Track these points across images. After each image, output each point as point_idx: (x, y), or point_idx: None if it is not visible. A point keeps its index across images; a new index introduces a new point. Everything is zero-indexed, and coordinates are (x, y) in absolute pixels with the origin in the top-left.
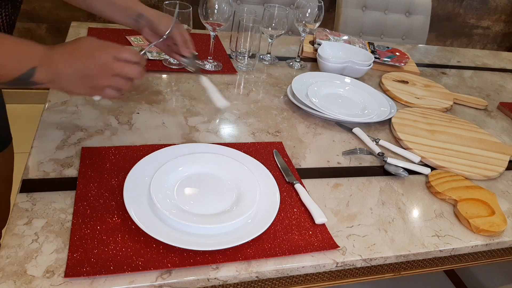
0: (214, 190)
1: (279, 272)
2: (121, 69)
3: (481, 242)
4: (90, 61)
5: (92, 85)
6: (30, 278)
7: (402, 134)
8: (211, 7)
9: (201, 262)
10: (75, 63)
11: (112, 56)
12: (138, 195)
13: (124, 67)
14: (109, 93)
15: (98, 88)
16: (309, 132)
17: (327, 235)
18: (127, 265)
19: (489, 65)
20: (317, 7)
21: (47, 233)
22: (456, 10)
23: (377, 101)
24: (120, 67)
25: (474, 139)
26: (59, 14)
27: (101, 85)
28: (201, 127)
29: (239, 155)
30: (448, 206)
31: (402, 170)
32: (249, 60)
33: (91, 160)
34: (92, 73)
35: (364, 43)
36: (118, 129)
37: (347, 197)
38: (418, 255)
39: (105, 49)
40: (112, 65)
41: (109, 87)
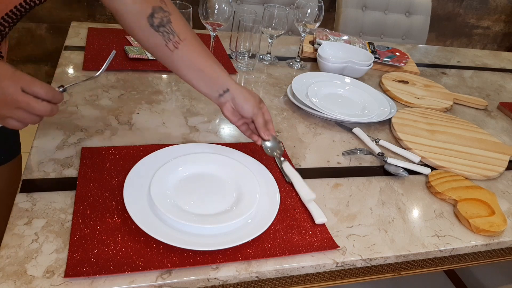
0: (214, 190)
1: (279, 272)
2: (26, 104)
3: (481, 242)
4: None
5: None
6: (30, 278)
7: (402, 134)
8: (211, 7)
9: (201, 262)
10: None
11: (21, 88)
12: (138, 195)
13: (30, 102)
14: (12, 123)
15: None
16: (309, 132)
17: (327, 235)
18: (127, 265)
19: (489, 65)
20: (317, 7)
21: (47, 233)
22: (456, 10)
23: (377, 101)
24: (26, 102)
25: (474, 139)
26: (59, 14)
27: (2, 114)
28: (201, 127)
29: (239, 155)
30: (448, 206)
31: (402, 170)
32: (249, 60)
33: (91, 160)
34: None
35: (364, 43)
36: (118, 129)
37: (347, 197)
38: (418, 255)
39: (15, 79)
40: (17, 97)
41: (10, 118)
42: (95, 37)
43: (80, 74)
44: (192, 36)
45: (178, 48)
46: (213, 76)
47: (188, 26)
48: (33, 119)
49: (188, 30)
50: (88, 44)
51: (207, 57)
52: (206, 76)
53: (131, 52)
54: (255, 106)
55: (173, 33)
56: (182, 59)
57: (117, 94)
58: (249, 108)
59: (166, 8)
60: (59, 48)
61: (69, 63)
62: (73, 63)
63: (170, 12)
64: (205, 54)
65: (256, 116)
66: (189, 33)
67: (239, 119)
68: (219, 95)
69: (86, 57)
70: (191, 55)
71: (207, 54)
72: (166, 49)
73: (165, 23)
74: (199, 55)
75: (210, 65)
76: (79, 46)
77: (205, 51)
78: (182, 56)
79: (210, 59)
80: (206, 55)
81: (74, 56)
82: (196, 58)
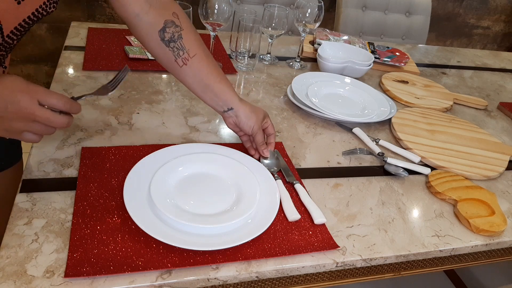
0: (214, 190)
1: (279, 272)
2: (44, 117)
3: (481, 242)
4: (10, 102)
5: (7, 128)
6: (30, 278)
7: (402, 134)
8: (211, 7)
9: (201, 262)
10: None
11: (37, 101)
12: (138, 195)
13: (48, 115)
14: (28, 137)
15: (14, 131)
16: (309, 132)
17: (327, 235)
18: (127, 265)
19: (489, 65)
20: (317, 7)
21: (47, 233)
22: (456, 10)
23: (377, 101)
24: (43, 115)
25: (474, 139)
26: (59, 14)
27: (18, 129)
28: (201, 127)
29: (239, 155)
30: (448, 206)
31: (402, 170)
32: (249, 60)
33: (91, 160)
34: (9, 116)
35: (364, 43)
36: (118, 129)
37: (347, 197)
38: (418, 255)
39: (31, 92)
40: (34, 111)
41: (27, 131)
42: (95, 37)
43: (80, 74)
44: (202, 51)
45: (187, 64)
46: (219, 93)
47: (199, 41)
48: (49, 131)
49: (198, 45)
50: (88, 44)
51: (216, 74)
52: (212, 93)
53: (131, 52)
54: (256, 125)
55: (183, 49)
56: (190, 75)
57: (117, 94)
58: (250, 126)
59: (178, 22)
60: (59, 48)
61: (69, 63)
62: (73, 63)
63: (182, 27)
64: (213, 71)
65: (256, 134)
66: (199, 49)
67: (240, 130)
68: (223, 111)
69: (86, 57)
70: (199, 71)
71: (216, 70)
72: (175, 64)
73: (176, 39)
74: (207, 72)
75: (217, 82)
76: (79, 46)
77: (213, 67)
78: (190, 72)
79: (218, 76)
80: (215, 71)
81: (74, 56)
82: (204, 74)
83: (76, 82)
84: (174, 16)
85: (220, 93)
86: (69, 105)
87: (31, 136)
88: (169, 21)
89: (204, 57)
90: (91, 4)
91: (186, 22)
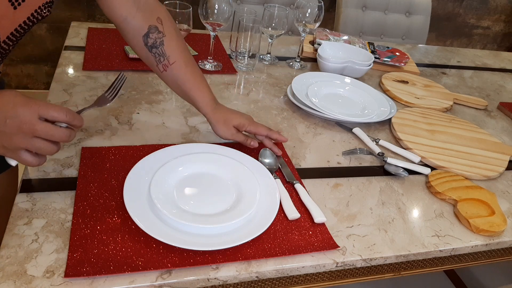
0: (214, 190)
1: (279, 272)
2: (45, 131)
3: (481, 242)
4: (10, 117)
5: (5, 145)
6: (30, 278)
7: (402, 134)
8: (211, 7)
9: (201, 262)
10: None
11: (37, 114)
12: (138, 195)
13: (47, 128)
14: (26, 158)
15: (12, 148)
16: (309, 132)
17: (327, 235)
18: (127, 265)
19: (489, 65)
20: (317, 7)
21: (47, 233)
22: (456, 10)
23: (377, 101)
24: (43, 128)
25: (474, 139)
26: (59, 14)
27: (17, 145)
28: (201, 127)
29: (239, 155)
30: (448, 206)
31: (402, 170)
32: (249, 60)
33: (91, 160)
34: (8, 131)
35: (364, 43)
36: (118, 129)
37: (347, 197)
38: (418, 255)
39: (31, 106)
40: (34, 124)
41: (26, 149)
42: (95, 37)
43: (80, 74)
44: (182, 59)
45: (167, 71)
46: (194, 101)
47: (181, 47)
48: (50, 149)
49: (179, 52)
50: (88, 44)
51: (192, 82)
52: (189, 99)
53: (131, 52)
54: (226, 134)
55: (163, 55)
56: (169, 81)
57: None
58: (221, 135)
59: (161, 28)
60: (59, 48)
61: (69, 63)
62: (73, 63)
63: (164, 33)
64: (190, 79)
65: (235, 138)
66: (179, 56)
67: None
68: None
69: (86, 57)
70: (177, 79)
71: (193, 78)
72: (157, 68)
73: (157, 45)
74: (184, 80)
75: (193, 91)
76: (79, 46)
77: (191, 75)
78: (169, 78)
79: (195, 84)
80: (192, 79)
81: (74, 56)
82: (181, 82)
83: (76, 82)
84: (158, 21)
85: (195, 101)
86: (71, 117)
87: (29, 157)
88: (153, 27)
89: (183, 65)
90: (91, 4)
91: (169, 28)
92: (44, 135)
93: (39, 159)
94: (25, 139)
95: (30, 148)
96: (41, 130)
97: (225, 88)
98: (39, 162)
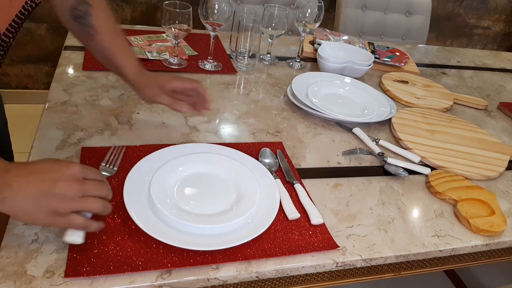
0: (214, 190)
1: (279, 272)
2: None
3: (481, 242)
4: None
5: (55, 208)
6: (30, 278)
7: (402, 134)
8: (211, 7)
9: (201, 262)
10: (34, 180)
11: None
12: (138, 195)
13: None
14: (77, 221)
15: (62, 212)
16: (309, 132)
17: (327, 235)
18: (127, 265)
19: (489, 65)
20: (317, 7)
21: (47, 233)
22: (456, 10)
23: (377, 101)
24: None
25: (474, 139)
26: None
27: (67, 207)
28: (201, 127)
29: (239, 155)
30: (448, 206)
31: (402, 170)
32: (249, 60)
33: (91, 160)
34: (56, 192)
35: (364, 43)
36: (118, 129)
37: (347, 197)
38: (418, 255)
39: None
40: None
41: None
42: None
43: (80, 74)
44: (107, 29)
45: (93, 40)
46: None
47: (107, 19)
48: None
49: (105, 22)
50: None
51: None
52: (114, 65)
53: None
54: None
55: (90, 26)
56: (96, 50)
57: (117, 94)
58: (147, 97)
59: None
60: (59, 48)
61: (69, 63)
62: (73, 63)
63: (92, 4)
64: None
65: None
66: (104, 26)
67: None
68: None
69: (86, 57)
70: (103, 46)
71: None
72: (84, 40)
73: (84, 15)
74: (109, 45)
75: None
76: (79, 46)
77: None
78: (96, 48)
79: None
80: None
81: (74, 56)
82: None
83: (76, 82)
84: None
85: (119, 66)
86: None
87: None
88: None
89: (108, 34)
90: None
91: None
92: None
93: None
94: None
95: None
96: (90, 184)
97: (225, 88)
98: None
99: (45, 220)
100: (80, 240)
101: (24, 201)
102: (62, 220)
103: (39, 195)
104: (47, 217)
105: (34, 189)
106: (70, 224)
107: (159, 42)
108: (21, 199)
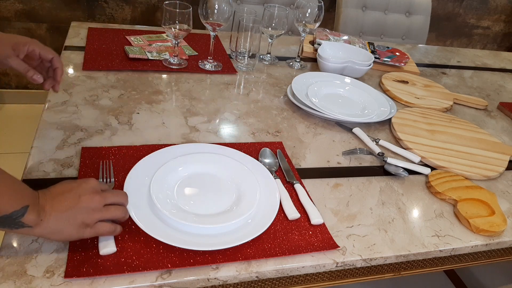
0: (214, 190)
1: (279, 272)
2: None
3: (481, 242)
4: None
5: (83, 220)
6: (30, 278)
7: (402, 134)
8: (211, 7)
9: (201, 262)
10: (60, 200)
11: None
12: (138, 195)
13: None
14: (104, 228)
15: (89, 223)
16: (309, 132)
17: (327, 235)
18: (127, 265)
19: (489, 65)
20: (317, 7)
21: None
22: (456, 10)
23: (377, 101)
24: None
25: (474, 139)
26: (59, 14)
27: (93, 218)
28: (201, 127)
29: (239, 155)
30: (448, 206)
31: (402, 170)
32: (249, 60)
33: (91, 160)
34: (85, 205)
35: (364, 43)
36: (118, 129)
37: (347, 197)
38: (418, 255)
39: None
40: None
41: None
42: (95, 37)
43: (80, 74)
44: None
45: None
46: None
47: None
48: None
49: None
50: (88, 44)
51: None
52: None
53: (131, 52)
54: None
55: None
56: None
57: (117, 94)
58: None
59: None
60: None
61: (69, 63)
62: (73, 63)
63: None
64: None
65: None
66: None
67: None
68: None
69: (86, 57)
70: None
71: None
72: None
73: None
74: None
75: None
76: (79, 46)
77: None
78: None
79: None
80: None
81: (74, 56)
82: None
83: (76, 82)
84: None
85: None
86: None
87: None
88: None
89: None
90: (91, 4)
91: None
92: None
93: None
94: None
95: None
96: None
97: (225, 88)
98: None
99: (77, 233)
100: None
101: (55, 221)
102: (91, 230)
103: (67, 212)
104: (78, 230)
105: (62, 207)
106: (98, 232)
107: (159, 42)
108: (53, 220)
